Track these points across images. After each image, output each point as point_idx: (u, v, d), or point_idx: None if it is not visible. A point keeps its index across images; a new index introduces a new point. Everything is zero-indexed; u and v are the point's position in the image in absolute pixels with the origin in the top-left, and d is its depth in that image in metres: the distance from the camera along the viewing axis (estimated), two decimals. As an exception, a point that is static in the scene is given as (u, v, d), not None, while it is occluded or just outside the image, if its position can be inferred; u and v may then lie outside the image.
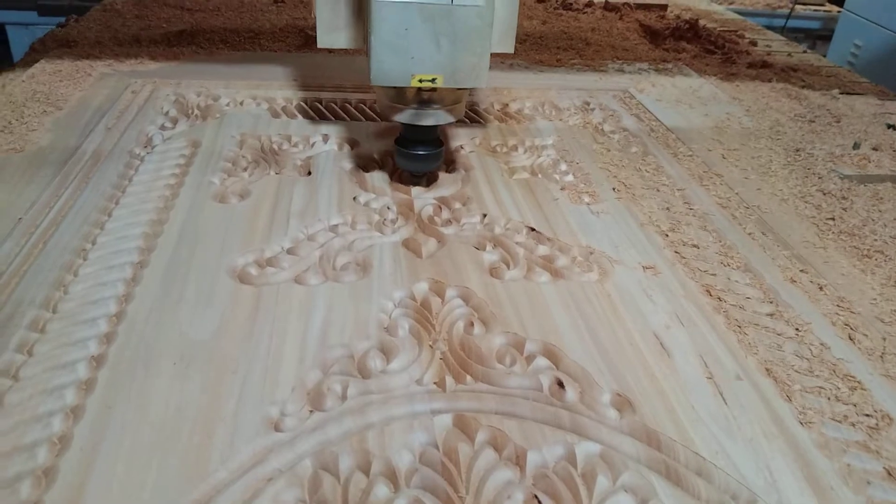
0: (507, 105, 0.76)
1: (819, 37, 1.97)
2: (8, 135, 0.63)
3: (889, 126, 0.69)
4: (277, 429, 0.35)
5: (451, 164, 0.63)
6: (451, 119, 0.54)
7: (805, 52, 1.18)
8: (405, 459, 0.33)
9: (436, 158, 0.56)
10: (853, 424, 0.38)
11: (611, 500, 0.32)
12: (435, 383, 0.38)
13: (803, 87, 0.95)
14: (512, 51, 0.52)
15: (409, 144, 0.55)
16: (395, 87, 0.52)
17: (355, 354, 0.40)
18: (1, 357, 0.38)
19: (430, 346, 0.41)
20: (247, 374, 0.38)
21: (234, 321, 0.42)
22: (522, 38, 1.02)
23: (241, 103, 0.72)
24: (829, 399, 0.39)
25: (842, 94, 0.95)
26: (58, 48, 0.89)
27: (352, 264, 0.48)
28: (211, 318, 0.42)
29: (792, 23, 1.87)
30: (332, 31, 0.53)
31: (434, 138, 0.56)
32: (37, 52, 0.91)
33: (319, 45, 0.53)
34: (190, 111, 0.70)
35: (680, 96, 0.84)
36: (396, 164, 0.58)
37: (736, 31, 1.24)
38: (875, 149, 0.74)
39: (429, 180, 0.59)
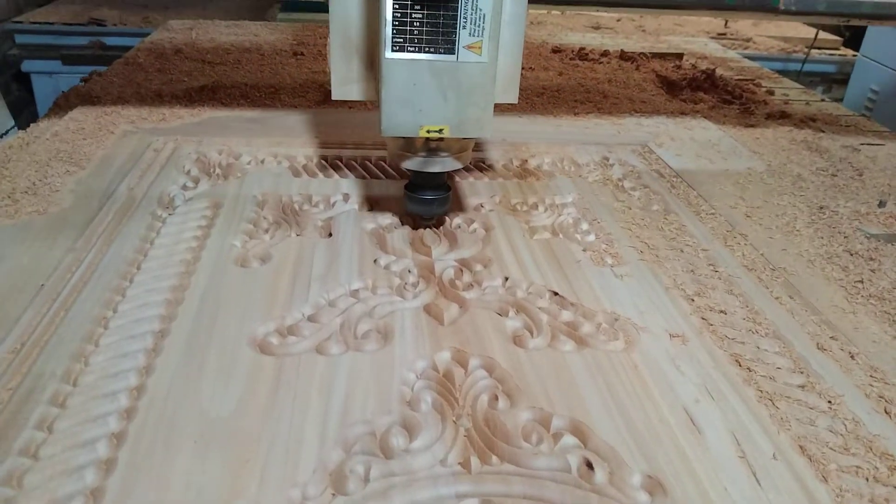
0: (527, 161, 0.76)
1: (835, 80, 1.98)
2: (32, 196, 0.63)
3: (880, 203, 0.69)
4: (300, 514, 0.34)
5: (471, 223, 0.63)
6: (458, 166, 0.56)
7: (823, 100, 1.18)
8: (431, 549, 0.32)
9: (443, 202, 0.59)
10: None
11: None
12: (459, 464, 0.37)
13: (822, 138, 0.95)
14: (516, 101, 0.54)
15: (417, 189, 0.58)
16: (404, 137, 0.54)
17: (377, 431, 0.39)
18: (21, 435, 0.38)
19: (454, 421, 0.40)
20: (268, 454, 0.37)
21: (255, 396, 0.41)
22: (540, 92, 1.02)
23: (262, 161, 0.73)
24: (867, 480, 0.38)
25: (863, 144, 0.95)
26: (81, 104, 0.90)
27: (373, 332, 0.48)
28: (232, 393, 0.41)
29: (807, 67, 1.88)
30: (346, 84, 0.55)
31: (441, 183, 0.58)
32: (60, 108, 0.92)
33: (334, 98, 0.55)
34: (211, 170, 0.70)
35: (699, 150, 0.83)
36: (406, 209, 0.60)
37: (752, 80, 1.24)
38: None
39: (437, 223, 0.62)
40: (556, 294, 0.53)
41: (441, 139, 0.54)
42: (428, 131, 0.52)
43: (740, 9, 0.77)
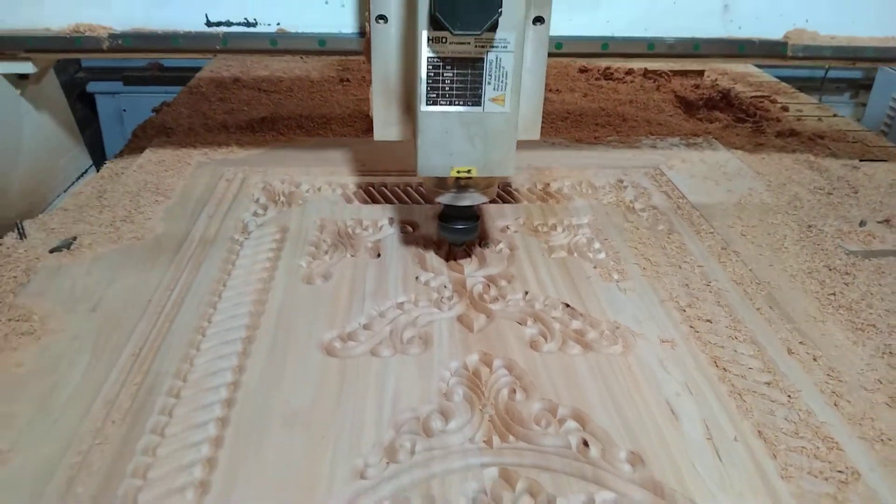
0: (548, 185, 0.87)
1: (862, 86, 2.03)
2: (130, 224, 0.76)
3: (861, 223, 0.77)
4: (363, 477, 0.45)
5: (498, 244, 0.74)
6: (485, 200, 0.65)
7: (835, 115, 1.26)
8: (461, 503, 0.43)
9: (472, 231, 0.68)
10: (826, 479, 0.46)
11: (621, 537, 0.41)
12: (484, 441, 0.48)
13: (828, 155, 1.03)
14: (538, 137, 0.62)
15: (449, 220, 0.67)
16: (438, 177, 0.63)
17: (420, 416, 0.50)
18: (150, 419, 0.49)
19: (480, 409, 0.51)
20: (338, 433, 0.48)
21: (325, 389, 0.53)
22: (564, 116, 1.12)
23: (319, 189, 0.84)
24: (808, 457, 0.48)
25: (863, 160, 1.03)
26: (157, 135, 1.03)
27: (416, 338, 0.59)
28: (307, 387, 0.53)
29: (833, 73, 1.93)
30: (387, 127, 0.63)
31: (471, 215, 0.67)
32: (139, 138, 1.06)
33: (376, 139, 0.63)
34: (277, 198, 0.82)
35: (707, 172, 0.93)
36: (440, 235, 0.70)
37: (769, 96, 1.32)
38: (888, 220, 0.82)
39: (467, 249, 0.72)
40: (567, 306, 0.63)
41: (470, 178, 0.63)
42: (458, 172, 0.60)
43: (751, 55, 0.83)
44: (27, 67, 0.80)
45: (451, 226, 0.67)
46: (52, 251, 0.70)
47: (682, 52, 0.80)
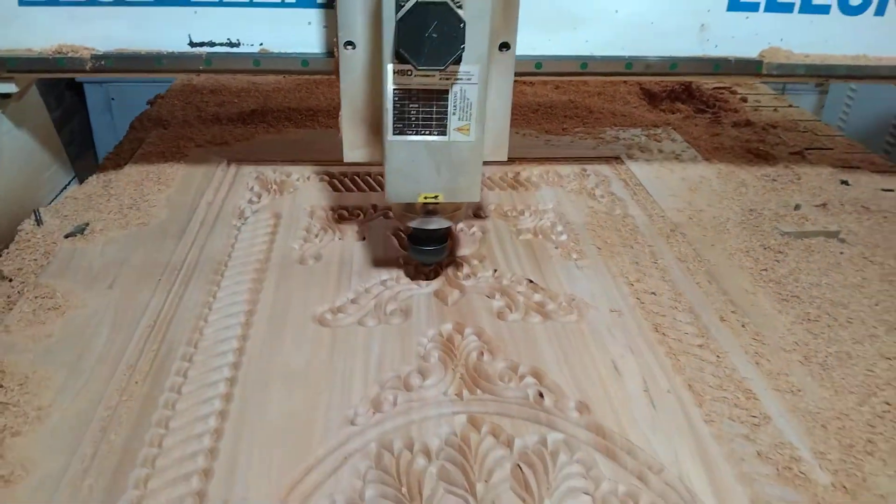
0: (518, 174, 0.95)
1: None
2: (136, 211, 0.83)
3: (796, 207, 0.86)
4: (353, 424, 0.53)
5: (471, 227, 0.82)
6: (451, 224, 0.67)
7: (790, 105, 1.35)
8: (435, 443, 0.52)
9: (441, 252, 0.69)
10: (742, 423, 0.55)
11: (567, 469, 0.50)
12: (455, 394, 0.57)
13: (777, 143, 1.12)
14: (505, 158, 0.65)
15: (419, 242, 0.68)
16: (406, 203, 0.66)
17: (401, 375, 0.59)
18: (167, 381, 0.57)
19: (453, 369, 0.59)
20: (331, 390, 0.57)
21: (319, 354, 0.61)
22: (535, 108, 1.20)
23: (308, 178, 0.92)
24: (729, 405, 0.57)
25: (810, 149, 1.12)
26: (154, 127, 1.10)
27: (397, 310, 0.67)
28: (303, 352, 0.61)
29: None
30: (355, 149, 0.64)
31: (439, 237, 0.68)
32: (136, 130, 1.12)
33: (345, 160, 0.65)
34: (269, 186, 0.90)
35: (664, 160, 1.01)
36: (410, 256, 0.71)
37: (729, 87, 1.41)
38: (824, 204, 0.91)
39: (435, 271, 0.74)
40: (531, 282, 0.72)
41: (437, 203, 0.65)
42: (425, 198, 0.62)
43: (726, 73, 0.83)
44: (10, 87, 0.80)
45: (420, 248, 0.68)
46: (66, 236, 0.78)
47: (659, 70, 0.81)
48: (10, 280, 0.71)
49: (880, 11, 0.81)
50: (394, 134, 0.59)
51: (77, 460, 0.50)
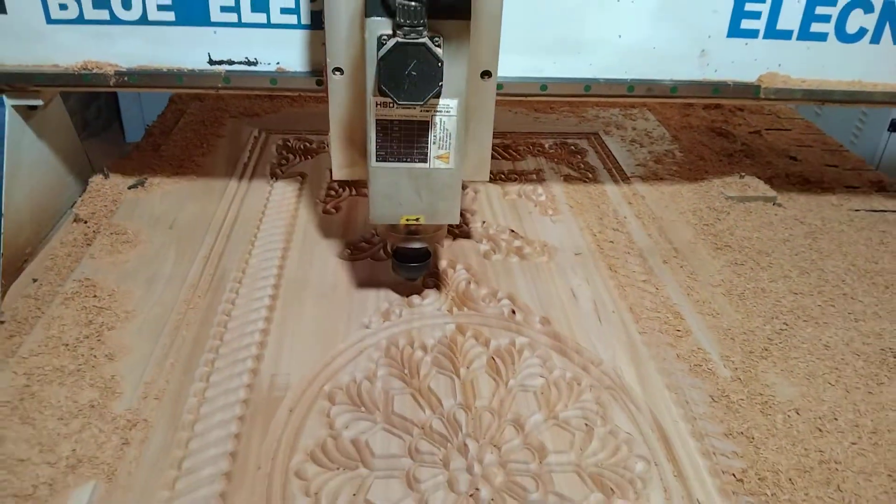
0: (508, 146, 1.11)
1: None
2: (185, 169, 0.99)
3: (741, 176, 1.00)
4: (367, 328, 0.70)
5: (465, 188, 0.98)
6: (433, 243, 0.72)
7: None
8: (430, 342, 0.68)
9: (423, 269, 0.73)
10: (668, 334, 0.71)
11: (528, 361, 0.66)
12: (447, 310, 0.73)
13: (740, 124, 1.27)
14: (486, 179, 0.69)
15: (402, 258, 0.72)
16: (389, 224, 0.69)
17: (405, 296, 0.75)
18: (223, 297, 0.74)
19: (446, 293, 0.76)
20: (351, 305, 0.73)
21: (343, 280, 0.77)
22: (527, 90, 1.36)
23: (325, 144, 1.08)
24: (660, 322, 0.73)
25: (769, 130, 1.27)
26: (192, 100, 1.26)
27: (403, 250, 0.83)
28: (330, 278, 0.77)
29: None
30: (344, 168, 0.68)
31: (421, 255, 0.71)
32: (176, 103, 1.28)
33: (335, 178, 0.69)
34: (295, 152, 1.06)
35: (635, 137, 1.17)
36: (392, 271, 0.74)
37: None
38: (770, 178, 1.06)
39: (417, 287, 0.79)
40: (512, 231, 0.88)
41: (419, 225, 0.68)
42: (407, 220, 0.65)
43: (725, 97, 0.85)
44: (36, 101, 0.82)
45: (404, 264, 0.72)
46: (130, 188, 0.94)
47: (659, 93, 0.84)
48: (86, 222, 0.88)
49: (875, 40, 0.83)
50: (377, 161, 0.61)
51: (159, 347, 0.66)
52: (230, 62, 0.79)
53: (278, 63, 0.79)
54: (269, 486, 0.53)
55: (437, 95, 0.55)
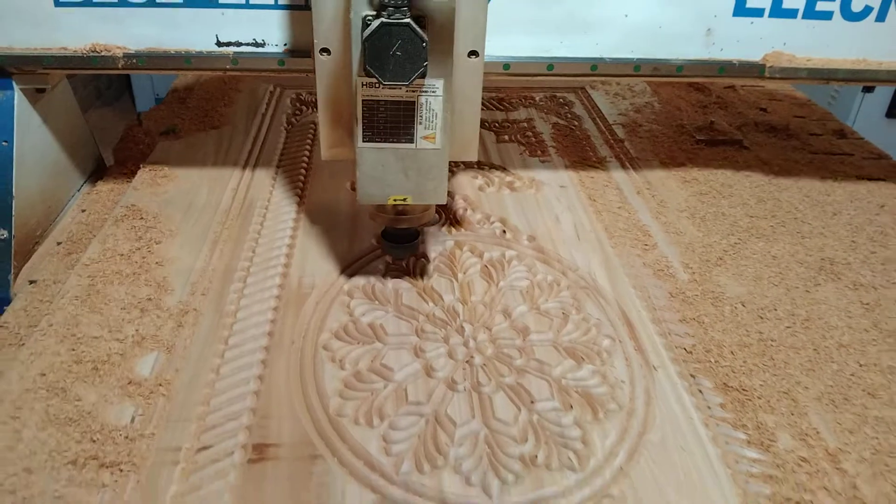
0: (503, 99, 1.22)
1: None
2: (210, 119, 1.10)
3: (710, 123, 1.11)
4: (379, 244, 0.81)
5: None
6: (421, 222, 0.73)
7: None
8: (433, 254, 0.79)
9: (412, 248, 0.75)
10: (637, 248, 0.82)
11: (516, 268, 0.78)
12: (447, 231, 0.84)
13: (715, 81, 1.38)
14: (475, 159, 0.69)
15: (391, 238, 0.74)
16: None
17: (410, 220, 0.86)
18: (253, 219, 0.85)
19: (446, 216, 0.87)
20: (365, 225, 0.84)
21: (353, 206, 0.88)
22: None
23: (338, 99, 1.18)
24: (630, 239, 0.84)
25: (744, 85, 1.38)
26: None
27: (407, 184, 0.94)
28: (344, 204, 0.88)
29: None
30: (333, 148, 0.68)
31: (410, 234, 0.74)
32: (194, 64, 1.38)
33: (324, 158, 0.68)
34: (307, 104, 1.16)
35: (619, 91, 1.28)
36: (383, 251, 0.78)
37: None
38: (741, 126, 1.17)
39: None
40: (504, 169, 0.99)
41: (406, 205, 0.69)
42: (395, 200, 0.66)
43: (730, 76, 0.85)
44: (43, 83, 0.83)
45: (392, 244, 0.75)
46: (161, 133, 1.05)
47: (665, 73, 0.83)
48: (125, 164, 0.99)
49: (881, 17, 0.82)
50: (363, 141, 0.62)
51: (201, 257, 0.78)
52: (238, 44, 0.78)
53: (286, 44, 0.79)
54: (302, 356, 0.64)
55: (423, 76, 0.56)
